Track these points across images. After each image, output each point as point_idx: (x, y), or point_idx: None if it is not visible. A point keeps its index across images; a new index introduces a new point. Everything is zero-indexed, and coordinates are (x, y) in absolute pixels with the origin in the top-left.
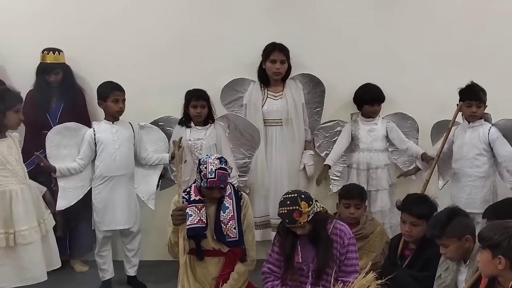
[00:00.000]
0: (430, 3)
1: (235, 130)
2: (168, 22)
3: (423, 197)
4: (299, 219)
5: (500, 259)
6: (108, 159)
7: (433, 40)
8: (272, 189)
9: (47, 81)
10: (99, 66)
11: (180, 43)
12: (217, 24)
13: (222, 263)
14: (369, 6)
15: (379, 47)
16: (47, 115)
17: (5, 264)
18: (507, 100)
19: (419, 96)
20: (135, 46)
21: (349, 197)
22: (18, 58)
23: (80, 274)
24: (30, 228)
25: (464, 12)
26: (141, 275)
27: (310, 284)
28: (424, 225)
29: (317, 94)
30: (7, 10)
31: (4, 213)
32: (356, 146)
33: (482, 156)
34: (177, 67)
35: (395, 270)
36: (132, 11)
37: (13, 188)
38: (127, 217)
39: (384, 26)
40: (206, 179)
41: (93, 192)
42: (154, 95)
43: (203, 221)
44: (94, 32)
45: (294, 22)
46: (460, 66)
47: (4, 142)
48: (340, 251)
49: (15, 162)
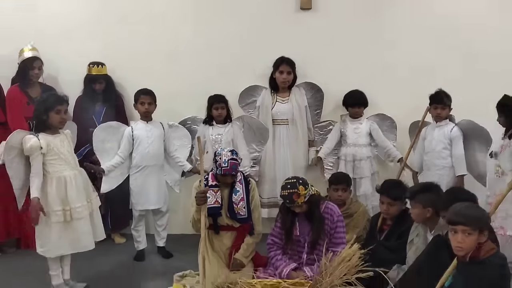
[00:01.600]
0: (404, 25)
1: (249, 129)
2: (195, 40)
3: (398, 182)
4: (297, 200)
5: (429, 210)
6: (143, 152)
7: (408, 53)
8: (279, 176)
9: (93, 89)
10: (136, 76)
11: (205, 57)
12: (236, 42)
13: (234, 236)
14: (356, 29)
15: (365, 61)
16: (93, 116)
17: (62, 236)
18: (468, 104)
19: (397, 99)
20: (167, 60)
21: (337, 183)
22: (67, 69)
23: (119, 245)
24: (81, 206)
25: (433, 30)
26: (168, 246)
27: (305, 253)
28: (399, 205)
29: (317, 99)
30: (58, 29)
31: (61, 194)
32: (344, 142)
33: (447, 150)
34: (203, 77)
35: (374, 242)
36: (165, 33)
37: (67, 174)
38: (158, 199)
39: (369, 44)
40: (221, 167)
41: (131, 179)
42: (183, 99)
43: (218, 202)
44: (132, 48)
45: (299, 41)
46: (431, 75)
47: (58, 137)
48: (330, 226)
49: (67, 153)
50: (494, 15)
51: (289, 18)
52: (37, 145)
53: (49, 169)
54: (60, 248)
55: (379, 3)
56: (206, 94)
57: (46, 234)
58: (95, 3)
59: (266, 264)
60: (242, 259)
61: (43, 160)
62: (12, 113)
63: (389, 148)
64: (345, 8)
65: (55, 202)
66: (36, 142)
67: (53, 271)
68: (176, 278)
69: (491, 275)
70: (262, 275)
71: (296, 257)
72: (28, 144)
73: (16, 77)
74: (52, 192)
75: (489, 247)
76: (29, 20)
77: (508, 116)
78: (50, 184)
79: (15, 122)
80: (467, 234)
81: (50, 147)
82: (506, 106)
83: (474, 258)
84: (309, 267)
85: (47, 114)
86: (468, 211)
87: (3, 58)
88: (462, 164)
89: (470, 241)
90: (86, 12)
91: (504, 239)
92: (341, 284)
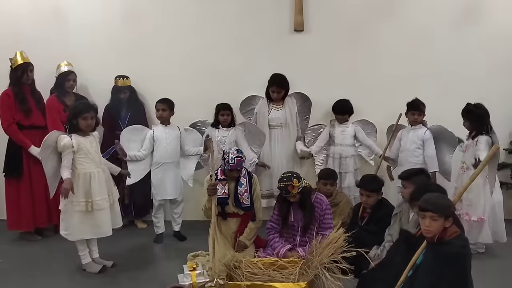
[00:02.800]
0: (384, 44)
1: (249, 133)
2: (204, 57)
3: (374, 176)
4: (292, 190)
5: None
6: (162, 151)
7: (386, 68)
8: (275, 171)
9: (119, 98)
10: (156, 87)
11: (212, 72)
12: (240, 59)
13: (239, 222)
14: (342, 48)
15: (350, 74)
16: (119, 121)
17: (84, 222)
18: (439, 111)
19: (378, 107)
20: (181, 74)
21: (327, 178)
22: (96, 80)
23: (141, 229)
24: (102, 199)
25: (410, 46)
26: (183, 230)
27: (299, 236)
28: (376, 196)
29: (306, 106)
30: (88, 44)
31: (85, 187)
32: (333, 142)
33: (419, 149)
34: (211, 88)
35: (357, 227)
36: (180, 50)
37: (92, 170)
38: (174, 190)
39: (354, 60)
40: (228, 164)
41: (152, 173)
42: (195, 106)
43: (226, 193)
44: (152, 63)
45: (293, 58)
46: (408, 86)
47: (87, 138)
48: (320, 213)
49: (94, 153)
50: (465, 29)
51: (284, 38)
52: (69, 144)
53: (78, 165)
54: (81, 233)
55: (361, 25)
56: (213, 101)
57: (69, 220)
58: (121, 27)
59: (265, 246)
60: (245, 241)
61: (73, 157)
62: (51, 119)
63: (372, 146)
64: (333, 30)
65: (80, 194)
66: (69, 141)
67: (81, 251)
68: (190, 257)
69: (453, 252)
70: (262, 254)
71: (291, 240)
72: (62, 142)
73: (54, 88)
74: (78, 186)
75: (453, 230)
76: (65, 41)
77: (472, 121)
78: (77, 179)
79: (53, 126)
80: (434, 219)
81: (80, 147)
82: (469, 112)
83: (441, 239)
84: (302, 248)
85: (77, 119)
86: (436, 200)
87: (44, 72)
88: (434, 162)
89: (436, 225)
90: (114, 33)
91: (469, 224)
92: (328, 262)
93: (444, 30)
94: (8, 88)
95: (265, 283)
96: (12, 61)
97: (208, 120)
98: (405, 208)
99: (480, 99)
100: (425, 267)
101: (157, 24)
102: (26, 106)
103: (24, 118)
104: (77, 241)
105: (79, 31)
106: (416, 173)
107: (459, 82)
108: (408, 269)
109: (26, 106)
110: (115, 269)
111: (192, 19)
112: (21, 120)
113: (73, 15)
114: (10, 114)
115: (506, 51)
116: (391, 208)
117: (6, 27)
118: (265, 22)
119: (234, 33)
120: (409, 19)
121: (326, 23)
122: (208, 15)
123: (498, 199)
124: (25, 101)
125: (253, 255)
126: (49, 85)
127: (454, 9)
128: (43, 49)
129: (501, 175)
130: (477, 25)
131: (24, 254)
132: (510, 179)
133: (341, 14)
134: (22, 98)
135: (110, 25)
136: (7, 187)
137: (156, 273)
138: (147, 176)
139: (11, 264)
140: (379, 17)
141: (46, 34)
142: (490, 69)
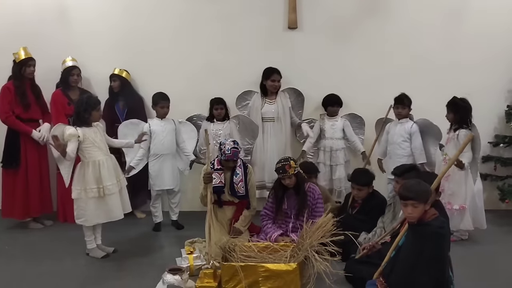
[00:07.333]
0: (372, 40)
1: (243, 125)
2: (201, 54)
3: (365, 171)
4: (289, 170)
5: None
6: (158, 143)
7: (375, 64)
8: (267, 163)
9: (111, 86)
10: (155, 82)
11: (208, 68)
12: (234, 56)
13: (235, 209)
14: (332, 44)
15: (340, 70)
16: (118, 115)
17: (98, 208)
18: (424, 105)
19: (365, 101)
20: (178, 70)
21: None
22: (96, 74)
23: (140, 219)
24: (112, 184)
25: (399, 44)
26: (181, 220)
27: (291, 222)
28: (367, 189)
29: (299, 101)
30: (90, 40)
31: (96, 174)
32: (323, 135)
33: (406, 142)
34: (207, 83)
35: (346, 214)
36: (178, 47)
37: (100, 158)
38: (172, 181)
39: (343, 56)
40: (225, 154)
41: (149, 165)
42: (191, 101)
43: (222, 182)
44: (151, 59)
45: (286, 54)
46: (396, 81)
47: (91, 129)
48: (312, 202)
49: (99, 141)
50: (452, 27)
51: (278, 36)
52: (75, 133)
53: (86, 154)
54: (97, 217)
55: (352, 23)
56: (209, 96)
57: (84, 207)
58: (120, 23)
59: (259, 232)
60: (240, 227)
61: (81, 147)
62: (56, 112)
63: (355, 142)
64: (325, 28)
65: (91, 181)
66: (74, 131)
67: (87, 237)
68: (187, 243)
69: (432, 232)
70: (256, 239)
71: (284, 226)
72: (67, 132)
73: (59, 82)
74: (89, 174)
75: (432, 212)
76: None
77: (456, 113)
78: (87, 167)
79: (58, 119)
80: (415, 206)
81: (85, 137)
82: (454, 104)
83: (420, 221)
84: (294, 233)
85: (90, 112)
86: (415, 188)
87: (50, 67)
88: (422, 154)
89: (418, 211)
90: (116, 31)
91: (451, 212)
92: (318, 245)
93: (431, 28)
94: (9, 82)
95: (258, 264)
96: (15, 56)
97: (204, 114)
98: (398, 199)
99: (466, 94)
100: (406, 247)
101: (155, 21)
102: (26, 100)
103: (23, 112)
104: (86, 227)
105: (81, 26)
106: (408, 169)
107: (445, 78)
108: (391, 250)
109: (26, 100)
110: (117, 255)
111: (189, 16)
112: (20, 113)
113: (75, 11)
114: (9, 107)
115: (491, 48)
116: (382, 199)
117: (9, 24)
118: (260, 19)
119: (229, 30)
120: (398, 17)
121: (319, 20)
122: (204, 12)
123: (478, 188)
124: (25, 95)
125: (247, 240)
126: (51, 79)
127: (442, 8)
128: (46, 45)
129: (486, 168)
130: (463, 24)
131: (28, 240)
132: (494, 171)
133: (333, 12)
134: (22, 92)
135: (110, 20)
136: (5, 177)
137: (155, 258)
138: (145, 167)
139: (16, 251)
140: (369, 15)
141: (49, 31)
142: (476, 65)
